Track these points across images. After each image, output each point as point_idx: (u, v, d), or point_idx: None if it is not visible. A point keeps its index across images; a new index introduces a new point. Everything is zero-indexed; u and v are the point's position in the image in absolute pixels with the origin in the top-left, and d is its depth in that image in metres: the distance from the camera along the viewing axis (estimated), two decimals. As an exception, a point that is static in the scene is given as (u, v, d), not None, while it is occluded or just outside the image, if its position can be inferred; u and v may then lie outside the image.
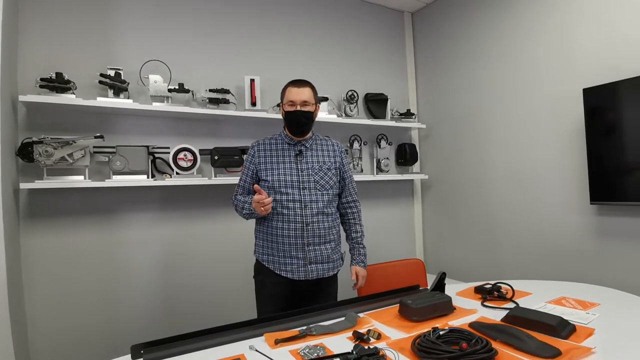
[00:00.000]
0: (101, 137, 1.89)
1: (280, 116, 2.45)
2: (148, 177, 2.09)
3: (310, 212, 1.67)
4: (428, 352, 1.05)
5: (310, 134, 1.78)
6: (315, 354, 1.12)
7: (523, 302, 1.48)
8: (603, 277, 2.09)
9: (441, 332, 1.15)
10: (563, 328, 1.21)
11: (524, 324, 1.24)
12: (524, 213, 2.54)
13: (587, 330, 1.23)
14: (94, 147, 1.99)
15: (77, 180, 1.91)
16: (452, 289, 1.70)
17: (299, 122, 1.68)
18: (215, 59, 2.48)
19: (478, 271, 2.82)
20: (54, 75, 1.87)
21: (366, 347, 1.06)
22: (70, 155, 1.87)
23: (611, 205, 2.08)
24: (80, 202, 2.07)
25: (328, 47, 2.96)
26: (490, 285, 1.66)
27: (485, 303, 1.53)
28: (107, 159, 2.03)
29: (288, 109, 1.68)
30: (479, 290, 1.67)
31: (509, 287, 1.62)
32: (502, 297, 1.58)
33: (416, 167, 3.27)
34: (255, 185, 1.57)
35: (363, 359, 1.01)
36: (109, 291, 2.14)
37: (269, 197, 1.60)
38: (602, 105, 2.05)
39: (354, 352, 1.03)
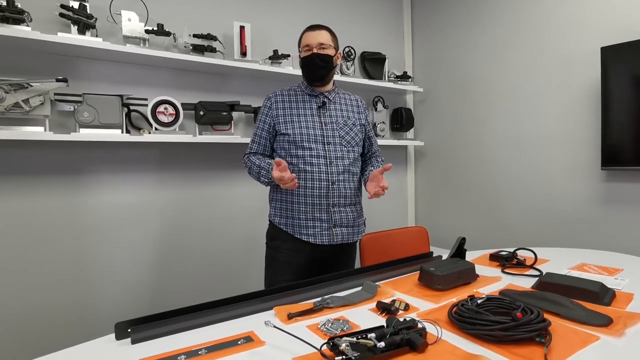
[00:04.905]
0: (64, 80, 1.58)
1: (275, 69, 2.23)
2: (122, 132, 1.81)
3: (336, 169, 1.52)
4: (472, 324, 0.91)
5: (331, 86, 1.62)
6: (340, 329, 0.95)
7: (545, 269, 1.38)
8: (612, 245, 2.04)
9: (479, 301, 1.02)
10: (605, 294, 1.11)
11: (560, 290, 1.13)
12: (530, 180, 2.46)
13: (625, 295, 1.14)
14: (55, 94, 1.68)
15: (36, 132, 1.61)
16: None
17: (315, 66, 1.51)
18: (199, 1, 2.16)
19: (478, 240, 2.74)
20: (4, 3, 1.52)
21: (401, 320, 0.90)
22: (26, 101, 1.55)
23: (623, 171, 2.02)
24: (40, 159, 1.76)
25: (323, -2, 2.69)
26: (507, 252, 1.56)
27: (506, 270, 1.42)
28: (72, 109, 1.72)
29: (304, 54, 1.54)
30: (494, 257, 1.57)
31: (529, 254, 1.52)
32: (521, 264, 1.48)
33: (410, 133, 3.11)
34: (277, 159, 1.36)
35: (402, 333, 0.85)
36: (78, 265, 1.87)
37: (289, 171, 1.40)
38: (621, 64, 1.94)
39: (391, 326, 0.87)
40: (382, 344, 0.81)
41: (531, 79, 2.42)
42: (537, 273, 1.36)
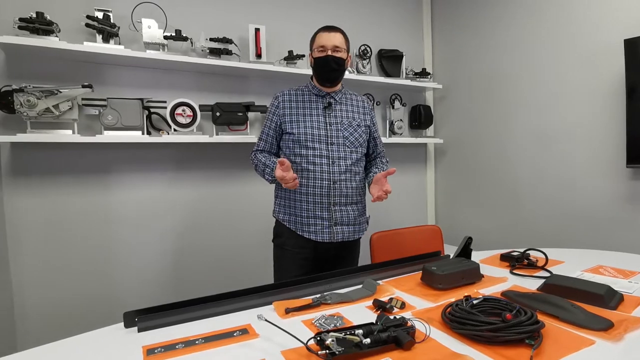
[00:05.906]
0: (89, 86, 1.70)
1: (289, 70, 2.27)
2: (143, 134, 1.91)
3: (338, 169, 1.55)
4: (463, 323, 0.92)
5: (340, 87, 1.65)
6: (332, 325, 0.99)
7: (557, 271, 1.35)
8: (636, 246, 1.95)
9: (475, 301, 1.01)
10: (611, 297, 1.08)
11: (565, 293, 1.11)
12: (552, 178, 2.37)
13: (634, 299, 1.10)
14: (83, 99, 1.80)
15: (65, 135, 1.74)
16: (473, 257, 1.57)
17: (329, 68, 1.54)
18: (215, 5, 2.24)
19: (498, 239, 2.68)
20: (34, 15, 1.65)
21: (391, 317, 0.92)
22: (56, 106, 1.68)
23: (650, 169, 1.91)
24: (70, 160, 1.90)
25: (339, -4, 2.70)
26: (518, 253, 1.52)
27: (514, 271, 1.40)
28: (97, 113, 1.84)
29: (318, 54, 1.56)
30: (505, 257, 1.54)
31: (541, 255, 1.48)
32: (532, 265, 1.45)
33: (430, 130, 3.07)
34: (280, 159, 1.39)
35: (390, 330, 0.87)
36: (104, 257, 2.01)
37: (292, 171, 1.44)
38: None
39: (379, 323, 0.89)
40: (368, 340, 0.83)
41: (553, 74, 2.32)
42: (547, 275, 1.33)
